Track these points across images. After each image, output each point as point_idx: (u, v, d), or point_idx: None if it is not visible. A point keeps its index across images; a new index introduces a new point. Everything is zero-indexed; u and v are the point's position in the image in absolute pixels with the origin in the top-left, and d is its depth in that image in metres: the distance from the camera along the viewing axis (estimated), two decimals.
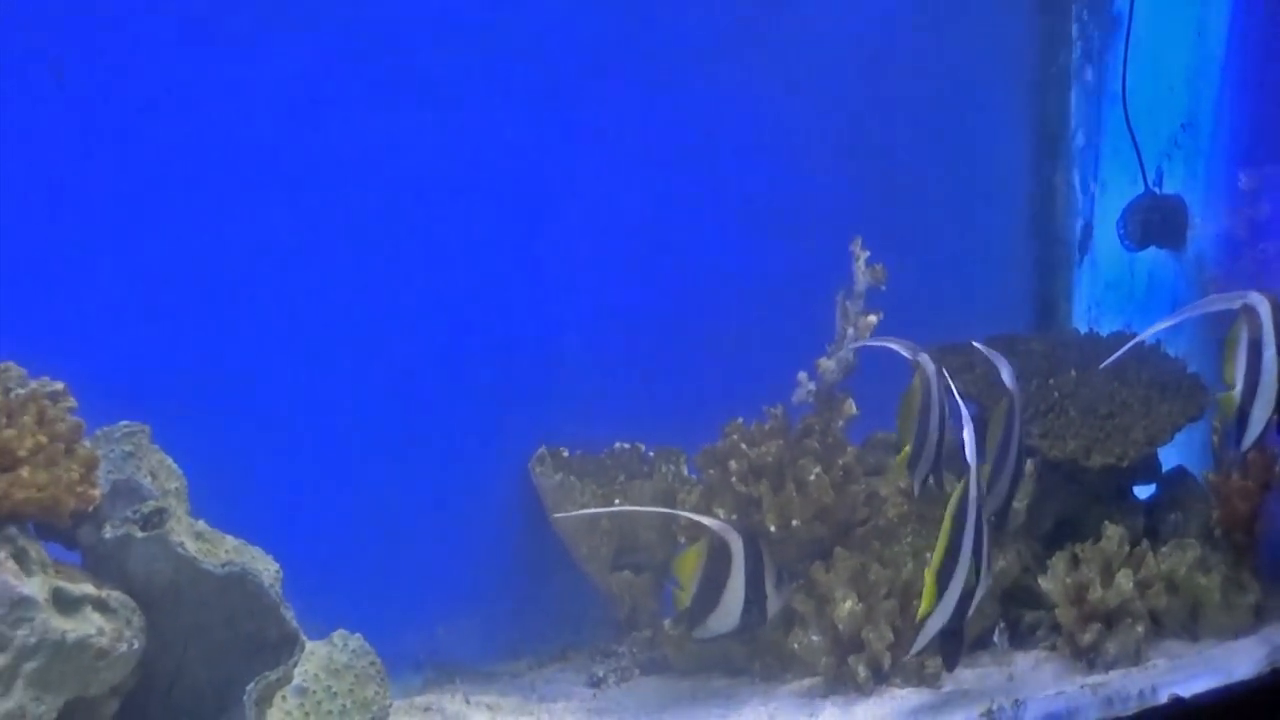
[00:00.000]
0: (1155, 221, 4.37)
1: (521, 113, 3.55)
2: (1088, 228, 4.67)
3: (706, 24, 3.82)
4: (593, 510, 3.33)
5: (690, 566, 3.04)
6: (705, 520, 3.10)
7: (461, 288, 3.48)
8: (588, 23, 3.63)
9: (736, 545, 3.03)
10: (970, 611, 2.93)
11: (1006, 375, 3.10)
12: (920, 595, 3.11)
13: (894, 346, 3.18)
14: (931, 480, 3.18)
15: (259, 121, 3.19)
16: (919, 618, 2.93)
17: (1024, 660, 3.36)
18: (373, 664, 2.76)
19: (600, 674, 3.42)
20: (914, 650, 2.99)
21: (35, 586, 2.24)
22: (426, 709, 3.22)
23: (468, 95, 3.46)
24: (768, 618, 3.10)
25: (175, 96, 3.09)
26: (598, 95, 3.67)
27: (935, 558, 2.88)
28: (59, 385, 2.48)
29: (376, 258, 3.36)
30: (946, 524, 2.86)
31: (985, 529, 2.88)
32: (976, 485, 2.85)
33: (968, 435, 2.86)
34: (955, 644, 3.01)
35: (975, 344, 3.24)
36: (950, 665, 3.11)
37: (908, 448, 3.14)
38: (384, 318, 3.37)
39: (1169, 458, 3.82)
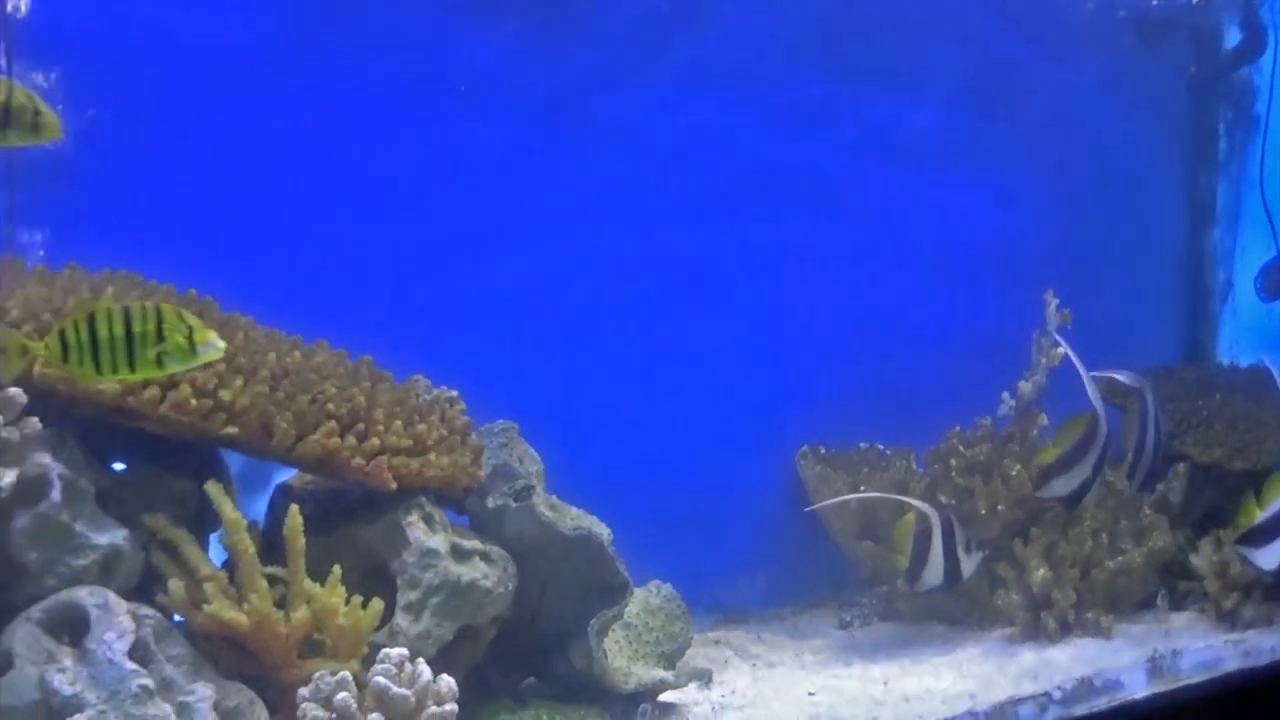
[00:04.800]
0: None
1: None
2: (1229, 282, 4.60)
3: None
4: (839, 499, 3.34)
5: (904, 535, 3.05)
6: (912, 501, 3.11)
7: (753, 336, 3.60)
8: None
9: (934, 520, 3.03)
10: None
11: (1137, 381, 3.01)
12: (1097, 565, 3.09)
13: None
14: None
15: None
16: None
17: (1179, 620, 3.28)
18: (679, 606, 2.80)
19: (848, 619, 3.44)
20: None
21: (438, 541, 2.32)
22: (717, 641, 3.27)
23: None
24: (964, 576, 3.08)
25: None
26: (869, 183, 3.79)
27: None
28: (454, 392, 2.59)
29: (704, 312, 3.54)
30: None
31: None
32: None
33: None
34: None
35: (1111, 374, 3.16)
36: None
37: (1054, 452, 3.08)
38: (703, 353, 3.50)
39: None
